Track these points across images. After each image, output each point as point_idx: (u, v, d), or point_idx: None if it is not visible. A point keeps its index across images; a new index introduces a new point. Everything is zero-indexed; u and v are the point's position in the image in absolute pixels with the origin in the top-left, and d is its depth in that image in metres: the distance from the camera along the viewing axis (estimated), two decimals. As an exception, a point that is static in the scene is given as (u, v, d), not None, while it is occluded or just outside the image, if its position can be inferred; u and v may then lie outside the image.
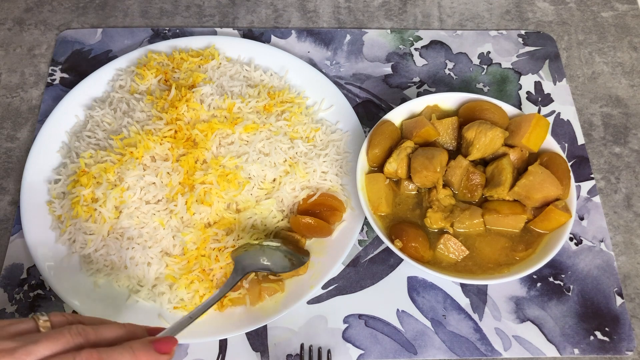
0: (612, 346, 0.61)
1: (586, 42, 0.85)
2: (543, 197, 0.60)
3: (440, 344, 0.60)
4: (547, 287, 0.64)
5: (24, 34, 0.82)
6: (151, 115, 0.68)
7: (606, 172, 0.73)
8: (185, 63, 0.73)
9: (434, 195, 0.62)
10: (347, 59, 0.81)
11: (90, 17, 0.84)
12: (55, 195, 0.65)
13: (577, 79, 0.81)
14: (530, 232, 0.61)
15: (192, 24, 0.84)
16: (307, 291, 0.60)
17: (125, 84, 0.73)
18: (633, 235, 0.68)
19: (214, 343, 0.60)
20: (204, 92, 0.69)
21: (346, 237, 0.64)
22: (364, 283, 0.64)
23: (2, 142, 0.73)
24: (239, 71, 0.74)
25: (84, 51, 0.80)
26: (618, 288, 0.64)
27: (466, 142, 0.64)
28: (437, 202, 0.62)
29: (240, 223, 0.63)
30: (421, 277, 0.64)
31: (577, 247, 0.67)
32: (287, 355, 0.59)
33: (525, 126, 0.62)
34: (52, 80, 0.77)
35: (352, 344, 0.60)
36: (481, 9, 0.88)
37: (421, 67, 0.80)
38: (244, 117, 0.68)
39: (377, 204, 0.62)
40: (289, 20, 0.85)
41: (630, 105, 0.79)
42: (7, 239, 0.66)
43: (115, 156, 0.65)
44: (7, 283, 0.63)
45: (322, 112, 0.73)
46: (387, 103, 0.77)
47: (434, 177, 0.61)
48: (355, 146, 0.69)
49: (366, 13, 0.86)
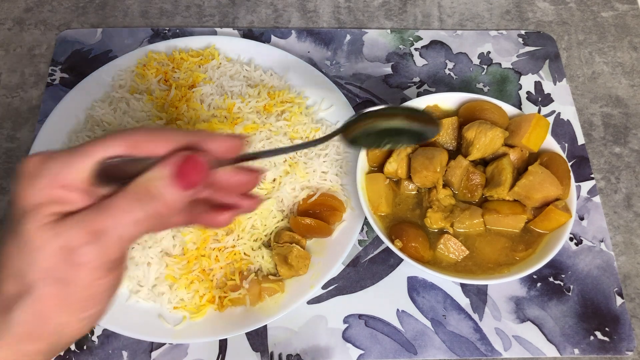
0: (612, 346, 0.61)
1: (586, 42, 0.85)
2: (543, 197, 0.60)
3: (440, 344, 0.60)
4: (547, 287, 0.64)
5: (24, 34, 0.82)
6: (151, 115, 0.68)
7: (606, 172, 0.73)
8: (185, 63, 0.73)
9: (434, 195, 0.62)
10: (347, 59, 0.81)
11: (90, 17, 0.84)
12: (55, 195, 0.65)
13: (577, 79, 0.81)
14: (530, 232, 0.61)
15: (192, 24, 0.84)
16: (307, 291, 0.60)
17: (125, 83, 0.73)
18: (633, 235, 0.68)
19: (214, 343, 0.60)
20: (204, 92, 0.69)
21: (346, 237, 0.64)
22: (364, 283, 0.64)
23: (2, 142, 0.73)
24: (239, 71, 0.74)
25: (84, 51, 0.80)
26: (618, 288, 0.64)
27: (466, 142, 0.64)
28: (437, 202, 0.62)
29: (240, 223, 0.63)
30: (421, 277, 0.64)
31: (577, 247, 0.67)
32: (287, 355, 0.59)
33: (525, 126, 0.62)
34: (52, 80, 0.77)
35: (352, 344, 0.60)
36: (481, 9, 0.88)
37: (421, 67, 0.80)
38: (244, 117, 0.68)
39: (377, 204, 0.62)
40: (289, 20, 0.85)
41: (630, 105, 0.79)
42: (7, 239, 0.66)
43: (115, 156, 0.65)
44: (7, 283, 0.63)
45: (322, 112, 0.73)
46: (387, 103, 0.77)
47: (434, 177, 0.61)
48: (355, 146, 0.70)
49: (366, 13, 0.86)
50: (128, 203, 0.31)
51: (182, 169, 0.32)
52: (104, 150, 0.32)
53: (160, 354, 0.59)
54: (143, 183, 0.32)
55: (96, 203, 0.32)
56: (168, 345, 0.59)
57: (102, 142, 0.32)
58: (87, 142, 0.33)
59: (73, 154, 0.32)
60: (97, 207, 0.31)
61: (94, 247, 0.31)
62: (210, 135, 0.35)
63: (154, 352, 0.59)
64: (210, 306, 0.60)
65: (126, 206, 0.31)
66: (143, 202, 0.31)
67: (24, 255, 0.31)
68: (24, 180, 0.31)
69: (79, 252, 0.31)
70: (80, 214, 0.31)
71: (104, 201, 0.32)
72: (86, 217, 0.31)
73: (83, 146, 0.32)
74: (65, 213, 0.31)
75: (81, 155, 0.32)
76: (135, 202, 0.31)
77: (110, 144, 0.32)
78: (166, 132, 0.34)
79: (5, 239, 0.32)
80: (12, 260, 0.31)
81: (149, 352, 0.59)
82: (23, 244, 0.31)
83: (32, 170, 0.31)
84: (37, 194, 0.31)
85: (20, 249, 0.31)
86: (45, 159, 0.31)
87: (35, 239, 0.31)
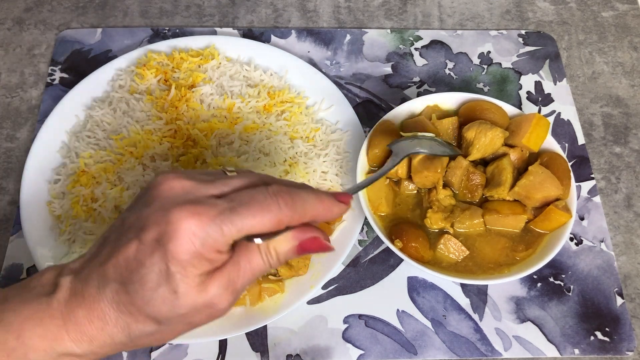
0: (612, 346, 0.61)
1: (586, 42, 0.85)
2: (543, 197, 0.60)
3: (440, 344, 0.60)
4: (548, 287, 0.64)
5: (24, 34, 0.82)
6: (151, 115, 0.68)
7: (606, 172, 0.73)
8: (185, 63, 0.73)
9: (433, 195, 0.62)
10: (347, 58, 0.80)
11: (90, 17, 0.84)
12: (55, 195, 0.65)
13: (578, 78, 0.81)
14: (531, 232, 0.61)
15: (192, 23, 0.84)
16: (307, 291, 0.60)
17: (125, 83, 0.73)
18: (633, 235, 0.68)
19: (214, 343, 0.60)
20: (203, 92, 0.69)
21: (346, 237, 0.64)
22: (364, 283, 0.64)
23: (2, 142, 0.73)
24: (238, 71, 0.74)
25: (83, 51, 0.80)
26: (618, 288, 0.64)
27: (466, 142, 0.64)
28: (437, 203, 0.62)
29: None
30: (421, 277, 0.64)
31: (578, 247, 0.67)
32: (287, 355, 0.59)
33: (526, 126, 0.62)
34: (52, 80, 0.77)
35: (352, 344, 0.60)
36: (481, 8, 0.88)
37: (421, 67, 0.80)
38: (244, 117, 0.68)
39: (377, 204, 0.62)
40: (289, 20, 0.85)
41: (630, 105, 0.79)
42: (7, 239, 0.66)
43: (115, 156, 0.65)
44: (6, 283, 0.63)
45: (322, 112, 0.73)
46: (387, 103, 0.77)
47: (435, 177, 0.61)
48: (355, 146, 0.69)
49: (366, 13, 0.86)
50: (258, 259, 0.38)
51: (304, 244, 0.39)
52: (255, 227, 0.36)
53: (160, 354, 0.59)
54: (273, 245, 0.38)
55: (232, 260, 0.37)
56: (168, 346, 0.59)
57: (258, 215, 0.36)
58: (243, 209, 0.36)
59: (230, 223, 0.36)
60: (234, 266, 0.37)
61: (227, 299, 0.37)
62: (329, 209, 0.40)
63: (153, 352, 0.59)
64: (210, 306, 0.60)
65: (257, 262, 0.38)
66: (267, 262, 0.38)
67: (167, 298, 0.35)
68: (185, 235, 0.35)
69: (216, 305, 0.37)
70: (222, 274, 0.37)
71: (240, 259, 0.38)
72: (226, 277, 0.37)
73: (240, 216, 0.36)
74: (211, 270, 0.36)
75: (238, 227, 0.36)
76: (263, 259, 0.38)
77: (264, 219, 0.36)
78: (304, 210, 0.38)
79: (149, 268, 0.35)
80: (152, 291, 0.35)
81: (148, 352, 0.59)
82: (171, 291, 0.35)
83: (194, 229, 0.35)
84: (195, 252, 0.35)
85: (165, 292, 0.35)
86: (208, 223, 0.35)
87: (184, 291, 0.35)
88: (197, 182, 0.38)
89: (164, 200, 0.36)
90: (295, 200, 0.37)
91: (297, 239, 0.39)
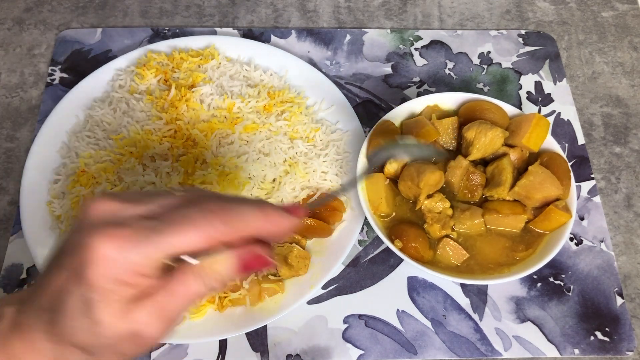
0: (612, 346, 0.61)
1: (586, 42, 0.85)
2: (543, 197, 0.60)
3: (440, 344, 0.60)
4: (548, 287, 0.64)
5: (24, 34, 0.82)
6: (151, 115, 0.68)
7: (606, 172, 0.73)
8: (185, 63, 0.73)
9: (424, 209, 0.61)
10: (347, 58, 0.80)
11: (89, 17, 0.84)
12: (55, 195, 0.65)
13: (578, 78, 0.81)
14: (531, 232, 0.61)
15: (192, 23, 0.84)
16: (307, 291, 0.60)
17: (125, 83, 0.73)
18: (633, 235, 0.68)
19: (214, 343, 0.60)
20: (203, 92, 0.69)
21: (346, 237, 0.64)
22: (364, 283, 0.64)
23: (2, 142, 0.73)
24: (238, 71, 0.74)
25: (83, 51, 0.80)
26: (618, 288, 0.64)
27: (466, 142, 0.64)
28: (429, 215, 0.61)
29: (240, 223, 0.62)
30: (421, 277, 0.64)
31: (578, 247, 0.67)
32: (287, 355, 0.59)
33: (526, 126, 0.62)
34: (52, 80, 0.77)
35: (352, 344, 0.60)
36: (481, 8, 0.88)
37: (421, 67, 0.80)
38: (244, 117, 0.68)
39: (377, 204, 0.62)
40: (289, 20, 0.85)
41: (630, 105, 0.79)
42: (7, 239, 0.66)
43: (115, 156, 0.65)
44: (6, 283, 0.63)
45: (322, 112, 0.73)
46: (387, 103, 0.77)
47: (415, 191, 0.61)
48: (355, 146, 0.69)
49: (366, 13, 0.86)
50: (193, 282, 0.35)
51: (247, 263, 0.37)
52: (183, 244, 0.34)
53: (160, 354, 0.59)
54: (210, 266, 0.35)
55: (163, 284, 0.34)
56: (168, 346, 0.59)
57: (183, 233, 0.34)
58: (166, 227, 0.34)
59: (151, 244, 0.33)
60: (165, 291, 0.34)
61: (158, 327, 0.34)
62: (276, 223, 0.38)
63: (153, 353, 0.59)
64: (210, 306, 0.60)
65: (192, 285, 0.35)
66: (206, 283, 0.35)
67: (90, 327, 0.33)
68: (101, 261, 0.32)
69: (144, 334, 0.34)
70: (150, 300, 0.34)
71: (171, 283, 0.34)
72: (155, 304, 0.34)
73: (163, 235, 0.33)
74: (137, 296, 0.34)
75: (160, 248, 0.33)
76: (199, 281, 0.35)
77: (191, 236, 0.34)
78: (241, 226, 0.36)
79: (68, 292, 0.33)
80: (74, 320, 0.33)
81: (148, 352, 0.59)
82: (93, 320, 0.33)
83: (110, 253, 0.32)
84: (114, 277, 0.33)
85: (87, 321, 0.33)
86: (126, 246, 0.33)
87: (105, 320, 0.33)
88: (124, 202, 0.35)
89: (86, 223, 0.34)
90: (230, 215, 0.35)
91: (237, 257, 0.36)
